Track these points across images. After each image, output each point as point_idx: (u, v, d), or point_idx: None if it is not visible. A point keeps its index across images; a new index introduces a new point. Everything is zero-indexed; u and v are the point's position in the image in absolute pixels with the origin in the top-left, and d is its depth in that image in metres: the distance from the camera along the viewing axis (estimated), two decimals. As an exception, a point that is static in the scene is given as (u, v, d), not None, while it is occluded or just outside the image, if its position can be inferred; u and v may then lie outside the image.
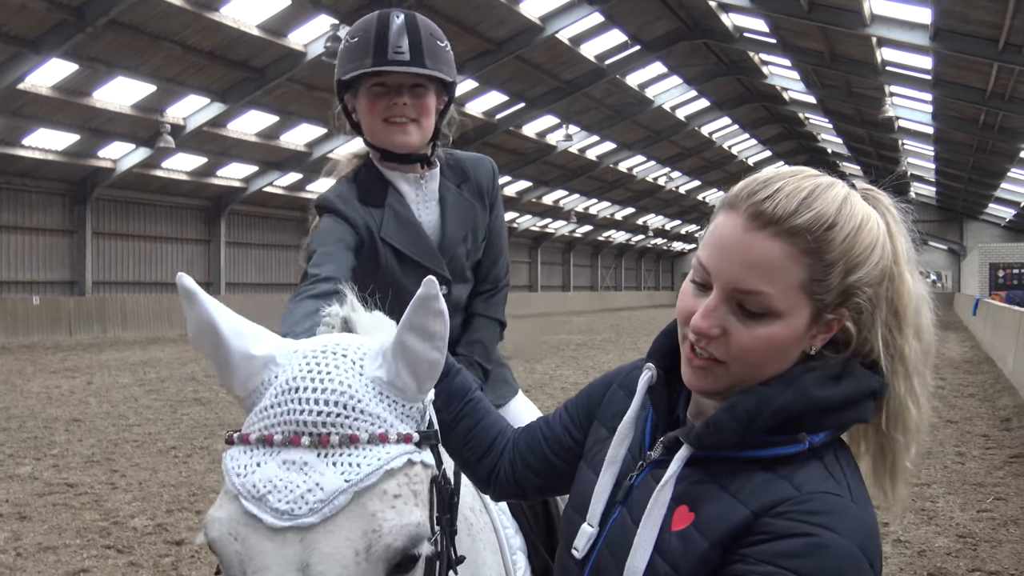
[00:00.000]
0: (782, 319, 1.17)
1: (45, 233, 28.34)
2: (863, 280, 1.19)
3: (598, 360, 18.94)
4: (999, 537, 6.08)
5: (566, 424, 1.57)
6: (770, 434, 1.18)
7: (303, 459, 1.11)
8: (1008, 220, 55.53)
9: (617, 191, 50.59)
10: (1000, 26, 19.68)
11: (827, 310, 1.19)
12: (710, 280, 1.21)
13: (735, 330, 1.18)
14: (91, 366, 17.52)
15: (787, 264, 1.16)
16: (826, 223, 1.16)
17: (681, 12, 28.05)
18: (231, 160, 30.96)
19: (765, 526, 1.11)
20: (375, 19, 2.22)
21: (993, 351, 19.18)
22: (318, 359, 1.19)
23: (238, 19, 21.74)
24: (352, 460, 1.12)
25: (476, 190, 2.41)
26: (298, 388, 1.15)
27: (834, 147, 50.68)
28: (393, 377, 1.19)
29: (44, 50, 20.43)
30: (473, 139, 33.24)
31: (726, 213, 1.22)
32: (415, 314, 1.18)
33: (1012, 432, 10.04)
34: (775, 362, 1.20)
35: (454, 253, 2.33)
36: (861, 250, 1.18)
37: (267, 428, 1.14)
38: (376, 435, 1.15)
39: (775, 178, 1.21)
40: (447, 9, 23.42)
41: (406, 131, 2.23)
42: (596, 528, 1.32)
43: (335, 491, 1.09)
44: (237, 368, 1.19)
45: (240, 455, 1.15)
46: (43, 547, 5.74)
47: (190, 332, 1.19)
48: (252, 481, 1.11)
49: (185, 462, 8.31)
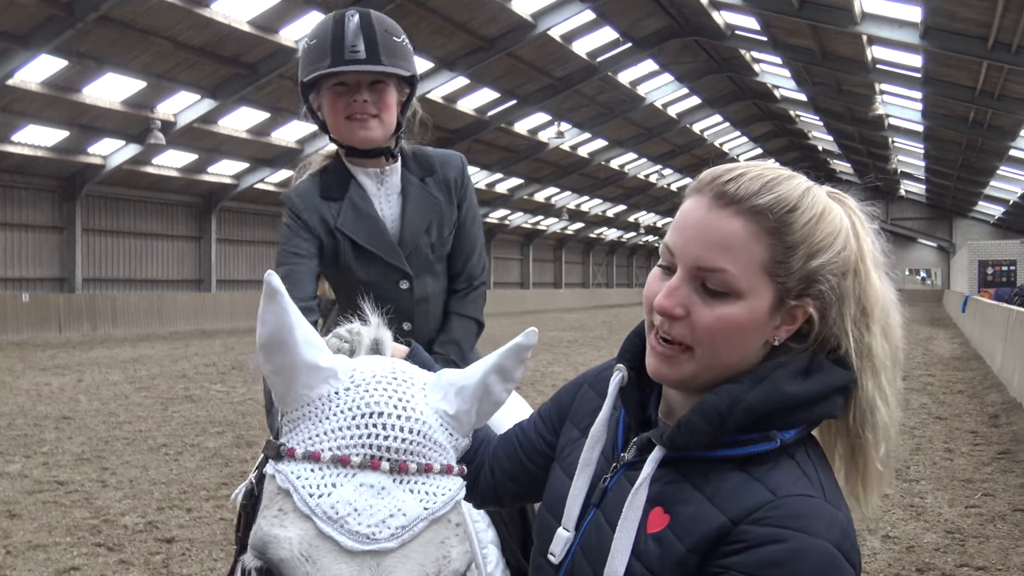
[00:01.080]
0: (744, 299, 1.17)
1: (35, 230, 28.19)
2: (826, 267, 1.19)
3: (589, 357, 18.96)
4: (987, 532, 6.12)
5: (540, 430, 1.57)
6: (741, 432, 1.18)
7: (381, 483, 1.11)
8: (997, 218, 55.81)
9: (609, 188, 50.62)
10: (989, 25, 19.77)
11: (790, 296, 1.19)
12: (675, 262, 1.22)
13: (697, 310, 1.18)
14: (81, 363, 17.45)
15: (749, 242, 1.17)
16: (788, 206, 1.18)
17: (672, 9, 28.08)
18: (222, 157, 30.86)
19: (743, 534, 1.11)
20: (331, 21, 2.30)
21: (982, 348, 19.29)
22: (394, 386, 1.19)
23: (229, 15, 21.66)
24: (428, 489, 1.13)
25: (443, 184, 2.45)
26: (382, 413, 1.14)
27: (824, 144, 50.81)
28: (460, 412, 1.20)
29: (33, 46, 20.31)
30: (465, 136, 33.24)
31: (692, 197, 1.24)
32: (507, 359, 1.21)
33: (1000, 428, 10.11)
34: (738, 347, 1.20)
35: (416, 245, 2.37)
36: (823, 236, 1.19)
37: (343, 448, 1.12)
38: (445, 466, 1.17)
39: (740, 166, 1.23)
40: (439, 6, 23.37)
41: (367, 126, 2.31)
42: (572, 532, 1.32)
43: (416, 518, 1.10)
44: (299, 376, 1.16)
45: (308, 473, 1.11)
46: (33, 545, 5.72)
47: (263, 333, 1.15)
48: (330, 503, 1.09)
49: (176, 460, 8.29)
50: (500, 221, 49.59)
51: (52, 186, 28.38)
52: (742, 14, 26.53)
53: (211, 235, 33.79)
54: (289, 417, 1.19)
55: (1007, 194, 45.75)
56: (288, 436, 1.17)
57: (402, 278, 2.39)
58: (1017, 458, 8.43)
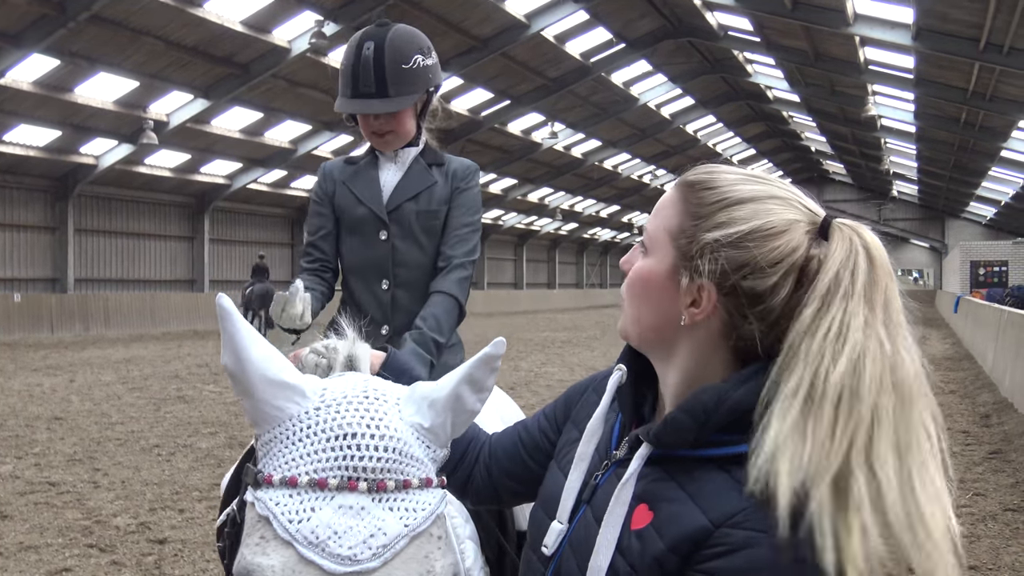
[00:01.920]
0: (652, 256, 1.29)
1: (26, 230, 28.08)
2: (722, 242, 1.20)
3: (583, 357, 18.98)
4: (978, 532, 6.15)
5: (544, 429, 1.59)
6: (726, 432, 1.20)
7: (360, 504, 1.11)
8: (989, 218, 56.04)
9: (602, 189, 50.68)
10: (981, 26, 19.85)
11: (686, 264, 1.23)
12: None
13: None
14: (73, 364, 17.40)
15: (669, 207, 1.29)
16: (707, 184, 1.27)
17: (665, 10, 28.13)
18: (215, 157, 30.79)
19: (724, 537, 1.13)
20: (352, 48, 2.64)
21: (974, 348, 19.36)
22: (365, 405, 1.19)
23: (222, 15, 21.62)
24: (407, 505, 1.14)
25: (447, 174, 2.77)
26: (355, 434, 1.15)
27: (817, 145, 50.98)
28: (435, 425, 1.21)
29: (25, 45, 20.25)
30: (458, 136, 33.23)
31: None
32: (476, 369, 1.23)
33: (991, 428, 10.15)
34: (648, 303, 1.29)
35: (400, 204, 2.71)
36: (731, 217, 1.22)
37: (319, 472, 1.13)
38: (424, 480, 1.17)
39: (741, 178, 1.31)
40: (432, 6, 23.38)
41: (386, 141, 2.72)
42: (565, 524, 1.34)
43: (397, 536, 1.11)
44: (261, 394, 1.17)
45: (286, 499, 1.12)
46: (25, 546, 5.70)
47: (224, 356, 1.17)
48: (309, 527, 1.09)
49: (168, 460, 8.27)
50: (494, 221, 49.60)
51: (44, 186, 28.28)
52: (735, 15, 26.60)
53: (204, 235, 33.71)
54: (263, 440, 1.19)
55: (999, 195, 45.94)
56: (264, 462, 1.18)
57: (381, 228, 2.72)
58: (1008, 458, 8.47)
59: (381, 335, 2.73)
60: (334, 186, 2.79)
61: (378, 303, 2.76)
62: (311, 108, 28.43)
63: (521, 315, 42.72)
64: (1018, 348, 12.17)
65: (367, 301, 2.76)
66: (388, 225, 2.71)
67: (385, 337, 2.73)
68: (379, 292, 2.75)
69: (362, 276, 2.78)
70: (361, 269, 2.77)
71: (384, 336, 2.73)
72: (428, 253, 2.74)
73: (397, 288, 2.73)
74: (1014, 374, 12.09)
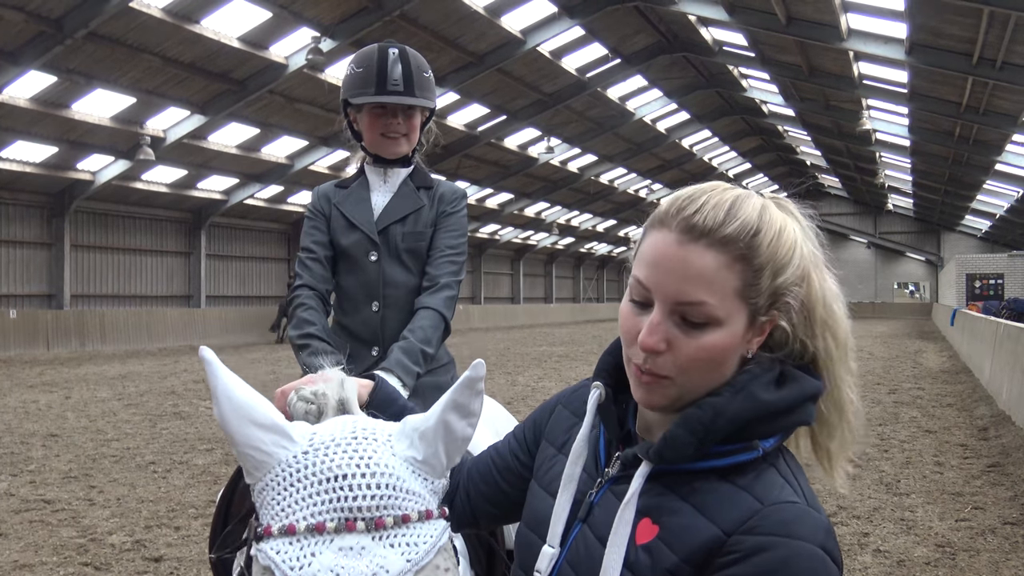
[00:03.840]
0: (723, 326, 1.22)
1: (23, 246, 28.04)
2: (789, 281, 1.25)
3: (580, 372, 18.95)
4: (977, 546, 6.13)
5: (515, 451, 1.58)
6: (724, 443, 1.23)
7: (360, 544, 1.11)
8: (984, 231, 56.23)
9: (599, 203, 50.77)
10: (974, 41, 19.99)
11: (760, 312, 1.24)
12: (650, 297, 1.24)
13: (680, 342, 1.22)
14: (69, 380, 17.33)
15: (722, 272, 1.21)
16: (752, 230, 1.22)
17: (661, 26, 28.29)
18: (212, 172, 30.81)
19: (737, 544, 1.15)
20: (375, 53, 2.80)
21: (971, 361, 19.37)
22: (354, 446, 1.19)
23: (219, 31, 21.69)
24: (408, 540, 1.13)
25: (434, 198, 2.87)
26: (346, 475, 1.14)
27: (813, 159, 51.16)
28: (429, 456, 1.21)
29: (22, 62, 20.28)
30: (455, 151, 33.30)
31: (657, 231, 1.26)
32: (459, 394, 1.22)
33: (989, 441, 10.14)
34: (719, 368, 1.25)
35: (388, 226, 2.80)
36: (784, 252, 1.24)
37: (316, 516, 1.12)
38: (423, 512, 1.17)
39: (697, 193, 1.27)
40: (429, 23, 23.48)
41: (398, 143, 2.84)
42: (557, 548, 1.34)
43: (400, 572, 1.10)
44: (247, 437, 1.18)
45: (287, 547, 1.11)
46: (19, 565, 5.66)
47: (215, 407, 1.19)
48: (311, 572, 1.08)
49: (164, 477, 8.23)
50: (490, 236, 49.65)
51: (40, 202, 28.26)
52: (730, 30, 26.75)
53: (200, 251, 33.68)
54: (257, 490, 1.19)
55: (994, 208, 46.11)
56: (262, 512, 1.17)
57: (372, 248, 2.80)
58: (1007, 471, 8.46)
59: (371, 356, 2.76)
60: (329, 208, 2.86)
61: (368, 325, 2.79)
62: (308, 124, 28.48)
63: (518, 329, 42.70)
64: (1015, 361, 12.18)
65: (357, 323, 2.79)
66: (379, 247, 2.79)
67: (375, 359, 2.74)
68: (369, 314, 2.78)
69: (352, 299, 2.82)
70: (352, 292, 2.82)
71: (374, 358, 2.75)
72: (414, 274, 2.81)
73: (386, 309, 2.78)
74: (1011, 387, 12.10)
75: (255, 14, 21.59)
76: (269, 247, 37.33)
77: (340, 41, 22.57)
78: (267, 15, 21.58)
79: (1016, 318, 23.63)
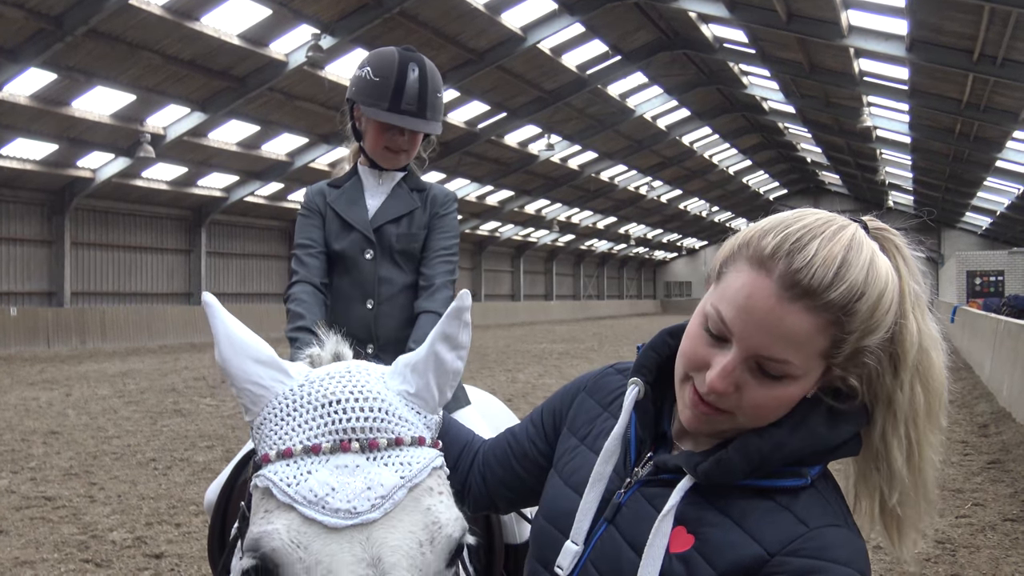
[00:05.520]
0: (798, 382, 1.19)
1: (23, 243, 28.06)
2: (874, 342, 1.20)
3: (581, 369, 18.95)
4: (977, 543, 6.14)
5: (532, 437, 1.56)
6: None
7: (355, 463, 1.14)
8: (984, 228, 56.17)
9: (599, 200, 50.73)
10: (975, 37, 19.96)
11: (836, 367, 1.21)
12: (729, 336, 1.19)
13: (750, 388, 1.19)
14: (70, 378, 17.34)
15: (815, 336, 1.16)
16: (856, 295, 1.15)
17: (661, 23, 28.24)
18: (212, 170, 30.81)
19: (781, 565, 1.15)
20: (395, 65, 2.74)
21: (971, 358, 19.38)
22: (348, 377, 1.23)
23: (219, 28, 21.68)
24: (401, 459, 1.17)
25: (426, 200, 2.91)
26: (339, 400, 1.19)
27: (813, 156, 51.09)
28: (420, 388, 1.24)
29: (22, 59, 20.28)
30: (455, 149, 33.29)
31: (755, 272, 1.18)
32: (448, 325, 1.25)
33: (989, 438, 10.14)
34: (782, 413, 1.23)
35: (382, 225, 2.83)
36: (879, 316, 1.18)
37: (312, 439, 1.16)
38: (416, 438, 1.20)
39: (807, 236, 1.18)
40: (429, 19, 23.46)
41: (399, 158, 2.87)
42: (580, 546, 1.32)
43: (394, 487, 1.13)
44: (248, 373, 1.22)
45: (284, 468, 1.15)
46: (20, 561, 5.67)
47: (216, 347, 1.24)
48: (308, 487, 1.12)
49: (165, 474, 8.24)
50: (491, 233, 49.63)
51: (41, 199, 28.26)
52: (730, 27, 26.70)
53: (201, 248, 33.69)
54: (256, 425, 1.22)
55: (994, 205, 46.06)
56: (259, 444, 1.21)
57: (367, 247, 2.83)
58: (1007, 468, 8.46)
59: (367, 354, 2.77)
60: (324, 207, 2.88)
61: (362, 322, 2.80)
62: (308, 121, 28.47)
63: (518, 327, 42.70)
64: (1015, 358, 12.18)
65: (351, 322, 2.79)
66: (374, 245, 2.83)
67: (371, 356, 2.75)
68: (363, 312, 2.80)
69: (347, 297, 2.83)
70: (345, 291, 2.83)
71: (370, 355, 2.76)
72: (407, 273, 2.86)
73: (380, 306, 2.82)
74: (1012, 384, 12.10)
75: (255, 11, 21.57)
76: (269, 244, 37.33)
77: (340, 38, 22.54)
78: (267, 12, 21.56)
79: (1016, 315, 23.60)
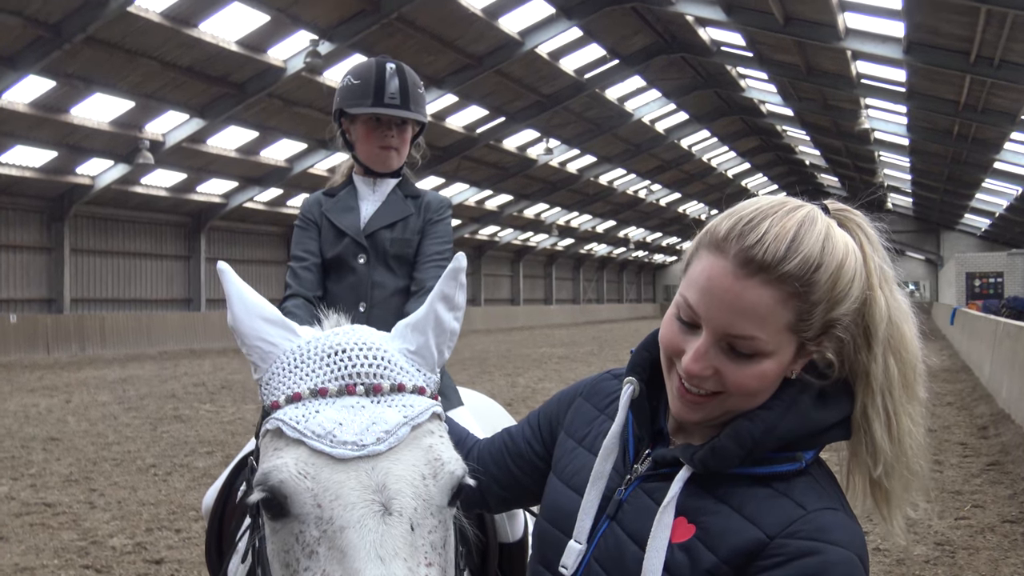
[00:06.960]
0: (771, 357, 1.22)
1: (22, 250, 28.05)
2: (842, 313, 1.23)
3: (580, 373, 18.94)
4: (976, 544, 6.14)
5: (529, 438, 1.59)
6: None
7: (360, 403, 1.23)
8: (984, 230, 56.22)
9: (598, 204, 50.77)
10: (971, 39, 19.99)
11: (809, 342, 1.24)
12: (698, 320, 1.23)
13: (727, 369, 1.22)
14: (69, 384, 17.34)
15: (777, 309, 1.19)
16: (812, 266, 1.18)
17: (659, 26, 28.29)
18: (211, 176, 30.82)
19: (779, 547, 1.17)
20: (373, 67, 2.87)
21: (970, 360, 19.38)
22: (353, 333, 1.32)
23: (217, 35, 21.71)
24: (403, 402, 1.25)
25: (420, 206, 2.97)
26: (345, 350, 1.27)
27: (811, 159, 51.14)
28: (421, 346, 1.32)
29: (21, 67, 20.30)
30: (454, 153, 33.32)
31: (713, 255, 1.22)
32: (445, 284, 1.33)
33: (989, 440, 10.14)
34: (763, 393, 1.25)
35: (377, 230, 2.89)
36: (842, 286, 1.21)
37: (320, 383, 1.24)
38: (417, 387, 1.29)
39: (759, 216, 1.21)
40: (427, 25, 23.49)
41: (391, 157, 2.93)
42: (584, 544, 1.33)
43: (397, 424, 1.21)
44: (258, 331, 1.29)
45: (293, 410, 1.22)
46: (20, 568, 5.67)
47: (228, 312, 1.32)
48: (316, 422, 1.19)
49: (165, 480, 8.24)
50: (490, 238, 49.65)
51: (40, 206, 28.27)
52: (728, 31, 26.75)
53: (200, 254, 33.69)
54: (264, 380, 1.29)
55: (993, 206, 46.11)
56: (268, 395, 1.28)
57: (360, 252, 2.89)
58: (1006, 469, 8.46)
59: None
60: (320, 217, 2.95)
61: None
62: (306, 127, 28.48)
63: (518, 331, 42.70)
64: (1014, 359, 12.18)
65: None
66: (367, 250, 2.89)
67: None
68: (356, 315, 2.82)
69: (340, 301, 2.83)
70: (339, 296, 2.87)
71: None
72: (400, 276, 2.93)
73: (373, 309, 2.89)
74: (1011, 385, 12.10)
75: (253, 17, 21.60)
76: (268, 250, 37.34)
77: (338, 44, 22.57)
78: (265, 18, 21.60)
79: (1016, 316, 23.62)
